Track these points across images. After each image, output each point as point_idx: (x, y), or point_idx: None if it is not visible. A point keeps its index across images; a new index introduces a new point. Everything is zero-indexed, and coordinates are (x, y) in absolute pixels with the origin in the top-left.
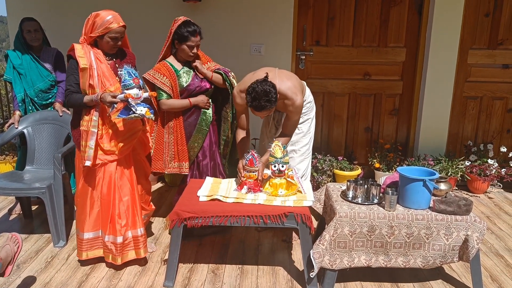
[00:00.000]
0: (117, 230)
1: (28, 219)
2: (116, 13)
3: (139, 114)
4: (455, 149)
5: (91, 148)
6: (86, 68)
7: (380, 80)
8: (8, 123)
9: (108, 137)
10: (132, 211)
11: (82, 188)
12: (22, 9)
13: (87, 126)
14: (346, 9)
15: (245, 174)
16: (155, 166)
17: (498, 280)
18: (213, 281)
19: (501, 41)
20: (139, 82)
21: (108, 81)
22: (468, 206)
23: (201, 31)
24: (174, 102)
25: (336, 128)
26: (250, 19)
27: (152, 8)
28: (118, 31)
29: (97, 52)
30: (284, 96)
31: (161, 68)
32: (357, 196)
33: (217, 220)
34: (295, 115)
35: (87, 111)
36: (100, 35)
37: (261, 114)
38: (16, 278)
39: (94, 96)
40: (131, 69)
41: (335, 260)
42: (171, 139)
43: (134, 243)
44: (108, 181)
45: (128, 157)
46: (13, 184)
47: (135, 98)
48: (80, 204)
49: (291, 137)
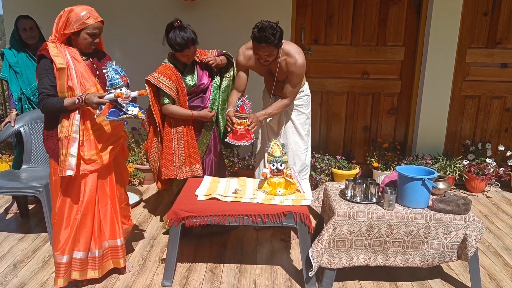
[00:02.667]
0: (97, 244)
1: (25, 218)
2: (91, 8)
3: (131, 114)
4: (453, 148)
5: (73, 156)
6: (63, 68)
7: (378, 79)
8: (5, 122)
9: (90, 144)
10: (111, 221)
11: (62, 204)
12: (18, 6)
13: (67, 132)
14: (345, 8)
15: (236, 121)
16: (166, 172)
17: (496, 279)
18: (211, 280)
19: (500, 40)
20: (127, 80)
21: (88, 82)
22: (467, 205)
23: (195, 38)
24: (177, 110)
25: (334, 127)
26: (248, 18)
27: (148, 5)
28: (96, 26)
29: (73, 51)
30: (287, 53)
31: (167, 71)
32: (355, 195)
33: (216, 219)
34: (296, 78)
35: (67, 116)
36: (76, 31)
37: (262, 50)
38: (13, 277)
39: (77, 99)
40: (116, 66)
41: (334, 259)
42: (181, 144)
43: (112, 253)
44: (89, 194)
45: (108, 166)
46: (9, 183)
47: (125, 98)
48: (58, 223)
49: (289, 105)
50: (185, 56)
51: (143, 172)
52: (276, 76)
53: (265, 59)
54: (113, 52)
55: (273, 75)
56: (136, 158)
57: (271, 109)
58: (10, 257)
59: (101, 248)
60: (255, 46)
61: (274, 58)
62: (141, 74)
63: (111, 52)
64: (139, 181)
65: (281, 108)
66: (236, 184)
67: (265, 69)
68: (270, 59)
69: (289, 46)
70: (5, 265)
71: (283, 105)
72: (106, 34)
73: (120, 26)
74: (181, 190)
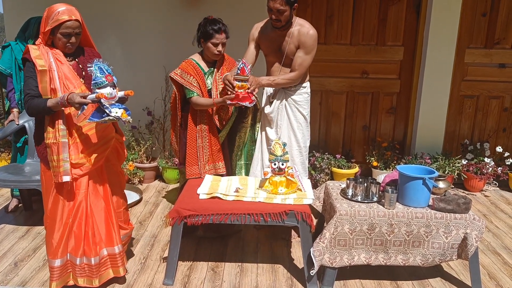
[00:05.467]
0: (92, 250)
1: (29, 211)
2: (71, 7)
3: (114, 116)
4: (452, 147)
5: (66, 161)
6: (44, 71)
7: (378, 78)
8: (8, 120)
9: (76, 147)
10: (107, 227)
11: (53, 208)
12: (18, 4)
13: (55, 138)
14: (345, 7)
15: (237, 84)
16: (190, 172)
17: (496, 278)
18: (212, 279)
19: (498, 41)
20: (112, 79)
21: (72, 84)
22: (467, 204)
23: (227, 29)
24: (201, 101)
25: (334, 126)
26: (248, 17)
27: (152, 3)
28: (70, 25)
29: (56, 53)
30: (300, 24)
31: (188, 67)
32: (356, 194)
33: (218, 218)
34: (307, 49)
35: (50, 122)
36: (51, 29)
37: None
38: (14, 276)
39: (59, 98)
40: (103, 64)
41: (335, 258)
42: (206, 142)
43: (111, 261)
44: (81, 198)
45: (100, 169)
46: (12, 176)
47: (109, 98)
48: (50, 227)
49: (295, 80)
50: (216, 44)
51: (143, 171)
52: (286, 51)
53: (277, 16)
54: (115, 51)
55: (282, 53)
56: (136, 157)
57: (276, 77)
58: (10, 255)
59: (97, 255)
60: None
61: (285, 21)
62: (144, 75)
63: (114, 51)
64: (139, 179)
65: (287, 80)
66: (237, 183)
67: (274, 46)
68: (282, 18)
69: (303, 20)
70: (5, 263)
71: (289, 77)
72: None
73: (124, 24)
74: (183, 189)
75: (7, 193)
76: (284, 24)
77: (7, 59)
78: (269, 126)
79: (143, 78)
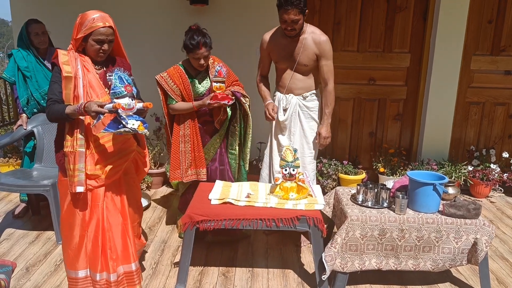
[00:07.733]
0: (110, 266)
1: (37, 216)
2: (105, 14)
3: (130, 128)
4: (458, 154)
5: (81, 172)
6: (70, 77)
7: (384, 85)
8: (17, 125)
9: (93, 158)
10: (124, 243)
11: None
12: (27, 11)
13: (72, 147)
14: (352, 15)
15: (215, 85)
16: (173, 175)
17: (504, 282)
18: (224, 284)
19: (504, 48)
20: (132, 90)
21: (95, 92)
22: (477, 210)
23: (208, 41)
24: (180, 106)
25: (340, 132)
26: (256, 23)
27: (159, 11)
28: (103, 32)
29: (85, 60)
30: (312, 31)
31: (174, 74)
32: (367, 200)
33: (230, 223)
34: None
35: (70, 130)
36: (84, 36)
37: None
38: (26, 281)
39: (77, 106)
40: (123, 74)
41: (347, 263)
42: (188, 147)
43: (127, 279)
44: (97, 211)
45: (118, 182)
46: (19, 181)
47: (127, 109)
48: (66, 236)
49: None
50: (197, 58)
51: (151, 176)
52: (298, 58)
53: (292, 27)
54: None
55: (294, 59)
56: None
57: (326, 107)
58: (22, 260)
59: (115, 272)
60: (282, 12)
61: (299, 29)
62: (151, 81)
63: None
64: (147, 185)
65: (330, 95)
66: (248, 189)
67: (285, 52)
68: (297, 27)
69: (313, 26)
70: (17, 268)
71: (329, 91)
72: None
73: (129, 31)
74: (194, 194)
75: (15, 198)
76: (298, 31)
77: (11, 67)
78: (281, 133)
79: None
